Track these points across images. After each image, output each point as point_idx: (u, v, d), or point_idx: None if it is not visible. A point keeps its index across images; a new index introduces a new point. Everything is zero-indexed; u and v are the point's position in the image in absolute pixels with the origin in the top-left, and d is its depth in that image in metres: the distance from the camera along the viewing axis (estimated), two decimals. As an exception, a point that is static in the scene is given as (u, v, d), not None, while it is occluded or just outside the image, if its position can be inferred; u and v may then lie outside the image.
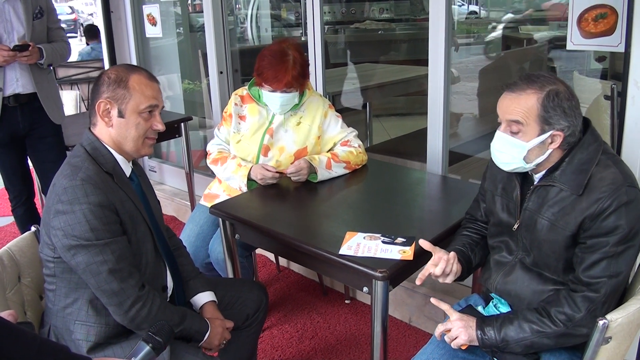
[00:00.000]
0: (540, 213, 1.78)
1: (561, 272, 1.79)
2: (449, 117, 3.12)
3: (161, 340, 1.57)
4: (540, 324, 1.73)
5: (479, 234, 2.09)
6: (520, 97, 1.71)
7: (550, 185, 1.77)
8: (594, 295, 1.68)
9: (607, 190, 1.66)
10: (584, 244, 1.70)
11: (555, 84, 1.71)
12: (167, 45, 5.31)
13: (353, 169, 2.82)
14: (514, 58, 5.34)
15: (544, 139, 1.72)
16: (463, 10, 8.56)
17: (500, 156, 1.82)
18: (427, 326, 3.09)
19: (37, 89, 3.26)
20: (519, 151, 1.75)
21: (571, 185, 1.72)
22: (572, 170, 1.73)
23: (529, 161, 1.76)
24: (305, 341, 3.06)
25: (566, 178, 1.73)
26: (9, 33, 3.14)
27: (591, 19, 2.49)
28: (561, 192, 1.74)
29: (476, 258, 2.04)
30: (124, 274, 1.80)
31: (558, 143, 1.72)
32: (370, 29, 7.64)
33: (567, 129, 1.70)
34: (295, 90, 2.74)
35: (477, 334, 1.78)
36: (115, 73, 1.89)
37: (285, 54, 2.69)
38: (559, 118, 1.69)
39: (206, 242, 2.89)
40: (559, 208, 1.74)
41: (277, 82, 2.68)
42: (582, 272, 1.70)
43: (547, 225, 1.77)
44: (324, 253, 2.06)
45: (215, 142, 2.94)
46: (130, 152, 1.94)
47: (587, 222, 1.68)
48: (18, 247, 2.02)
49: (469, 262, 2.01)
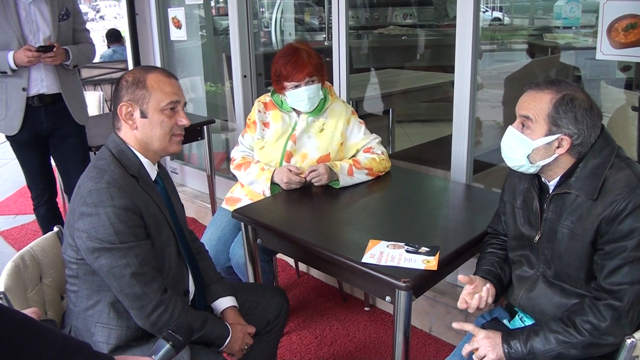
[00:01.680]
0: (560, 222, 1.77)
1: (583, 283, 1.76)
2: (474, 124, 3.09)
3: (181, 339, 1.56)
4: (566, 334, 1.70)
5: (503, 250, 2.06)
6: (537, 95, 1.74)
7: (565, 193, 1.76)
8: (618, 303, 1.65)
9: (621, 192, 1.64)
10: (602, 250, 1.68)
11: (575, 91, 1.72)
12: (191, 48, 5.34)
13: (376, 175, 2.80)
14: (540, 66, 5.28)
15: (551, 140, 1.72)
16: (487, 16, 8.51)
17: (507, 150, 1.83)
18: (448, 336, 3.05)
19: (62, 90, 3.28)
20: (523, 148, 1.76)
21: (586, 190, 1.71)
22: (586, 175, 1.72)
23: (533, 161, 1.76)
24: (324, 347, 3.04)
25: (580, 184, 1.72)
26: (35, 34, 3.16)
27: (621, 29, 2.46)
28: (577, 198, 1.73)
29: (506, 275, 2.01)
30: (147, 278, 1.79)
31: (565, 148, 1.72)
32: (394, 35, 7.61)
33: (577, 136, 1.70)
34: (317, 81, 2.74)
35: (503, 348, 1.75)
36: (132, 75, 1.90)
37: (296, 48, 2.75)
38: (568, 123, 1.69)
39: (227, 245, 2.88)
40: (577, 215, 1.73)
41: (299, 72, 2.68)
42: (604, 280, 1.68)
43: (567, 234, 1.75)
44: (346, 260, 2.04)
45: (239, 149, 2.94)
46: (159, 151, 1.94)
47: (603, 226, 1.66)
48: (40, 247, 2.03)
49: (501, 282, 1.98)
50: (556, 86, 1.73)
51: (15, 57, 3.07)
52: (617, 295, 1.65)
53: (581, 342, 1.68)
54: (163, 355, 1.54)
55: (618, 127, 3.25)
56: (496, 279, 1.96)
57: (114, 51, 7.26)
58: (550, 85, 1.74)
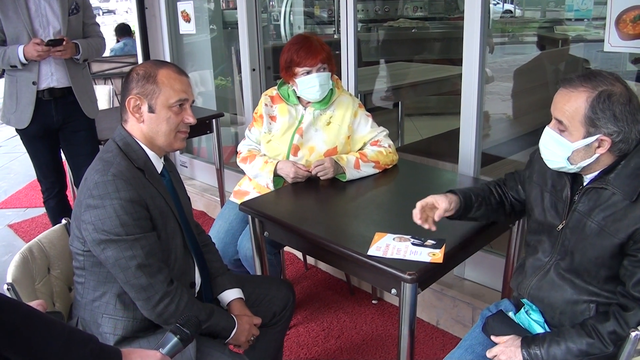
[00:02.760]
0: (591, 216, 1.71)
1: (601, 281, 1.72)
2: (482, 118, 3.08)
3: (189, 332, 1.58)
4: (590, 347, 1.66)
5: (496, 197, 2.09)
6: (571, 95, 1.65)
7: (602, 188, 1.70)
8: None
9: None
10: (634, 257, 1.63)
11: (613, 85, 1.63)
12: (200, 41, 5.35)
13: (383, 168, 2.80)
14: (549, 58, 5.25)
15: (590, 142, 1.65)
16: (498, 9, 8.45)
17: (546, 152, 1.77)
18: (455, 329, 3.05)
19: (72, 84, 3.30)
20: (563, 150, 1.70)
21: (625, 190, 1.65)
22: (627, 175, 1.66)
23: (574, 162, 1.71)
24: (331, 340, 3.05)
25: (620, 182, 1.66)
26: (45, 28, 3.18)
27: (629, 20, 2.44)
28: (613, 195, 1.67)
29: (476, 212, 2.06)
30: (153, 270, 1.81)
31: (606, 148, 1.65)
32: (404, 27, 7.59)
33: (617, 134, 1.63)
34: (328, 70, 2.75)
35: (522, 354, 1.73)
36: (143, 69, 1.90)
37: (307, 37, 2.78)
38: (607, 122, 1.61)
39: (235, 238, 2.89)
40: (610, 212, 1.67)
41: (312, 57, 2.69)
42: (633, 287, 1.63)
43: (595, 230, 1.70)
44: (352, 253, 2.04)
45: (246, 143, 2.95)
46: (163, 146, 1.95)
47: (638, 233, 1.61)
48: (48, 239, 2.05)
49: (468, 209, 2.04)
50: (591, 82, 1.64)
51: (25, 51, 3.09)
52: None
53: (605, 353, 1.65)
54: (170, 348, 1.55)
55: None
56: (465, 204, 2.02)
57: (125, 44, 7.29)
58: (584, 81, 1.65)
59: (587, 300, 1.75)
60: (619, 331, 1.63)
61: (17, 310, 1.30)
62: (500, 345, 1.80)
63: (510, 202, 2.11)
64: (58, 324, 1.39)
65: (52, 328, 1.35)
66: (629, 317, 1.62)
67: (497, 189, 2.12)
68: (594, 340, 1.66)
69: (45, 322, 1.34)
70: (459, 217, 2.05)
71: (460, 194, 2.04)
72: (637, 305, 1.62)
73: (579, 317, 1.76)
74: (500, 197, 2.10)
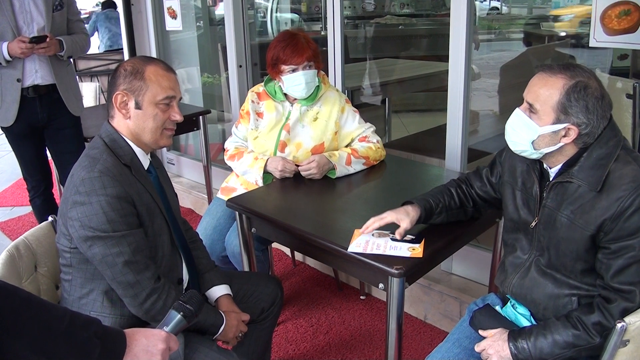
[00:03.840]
0: (560, 211, 1.73)
1: (578, 274, 1.74)
2: (468, 113, 3.09)
3: (192, 309, 1.56)
4: (577, 339, 1.67)
5: (456, 201, 2.12)
6: (548, 80, 1.67)
7: (567, 182, 1.72)
8: (630, 304, 1.62)
9: (627, 188, 1.60)
10: (607, 249, 1.65)
11: (589, 78, 1.65)
12: (186, 38, 5.33)
13: (371, 164, 2.81)
14: (536, 55, 5.28)
15: (558, 129, 1.67)
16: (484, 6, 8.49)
17: (512, 134, 1.79)
18: (443, 324, 3.07)
19: (57, 81, 3.28)
20: (529, 133, 1.71)
21: (589, 181, 1.67)
22: (590, 166, 1.68)
23: (538, 147, 1.72)
24: (320, 336, 3.06)
25: (584, 174, 1.68)
26: (29, 25, 3.16)
27: (614, 15, 2.45)
28: (579, 188, 1.69)
29: (437, 219, 2.10)
30: (140, 266, 1.80)
31: (572, 138, 1.67)
32: (391, 24, 7.60)
33: (585, 126, 1.65)
34: (314, 67, 2.75)
35: (509, 348, 1.74)
36: (131, 65, 1.90)
37: (294, 34, 2.76)
38: (578, 111, 1.64)
39: (223, 235, 2.89)
40: (578, 205, 1.69)
41: (298, 56, 2.69)
42: (612, 279, 1.65)
43: (566, 223, 1.72)
44: (339, 248, 2.05)
45: (232, 140, 2.94)
46: (149, 143, 1.94)
47: (607, 223, 1.63)
48: (35, 236, 2.03)
49: (428, 218, 2.09)
50: (570, 71, 1.66)
51: (9, 48, 3.06)
52: (628, 295, 1.62)
53: (592, 345, 1.66)
54: (175, 325, 1.53)
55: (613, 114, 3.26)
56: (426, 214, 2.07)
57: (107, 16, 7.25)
58: (563, 69, 1.67)
59: (569, 294, 1.77)
60: (603, 322, 1.64)
61: (14, 294, 1.29)
62: (487, 339, 1.81)
63: (472, 201, 2.13)
64: (59, 307, 1.39)
65: (53, 311, 1.34)
66: (613, 309, 1.64)
67: (458, 190, 2.14)
68: (579, 332, 1.67)
69: (45, 305, 1.33)
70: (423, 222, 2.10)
71: (420, 205, 2.07)
72: (619, 296, 1.64)
73: (561, 311, 1.77)
74: (461, 199, 2.13)
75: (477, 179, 2.12)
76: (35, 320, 1.28)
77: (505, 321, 1.89)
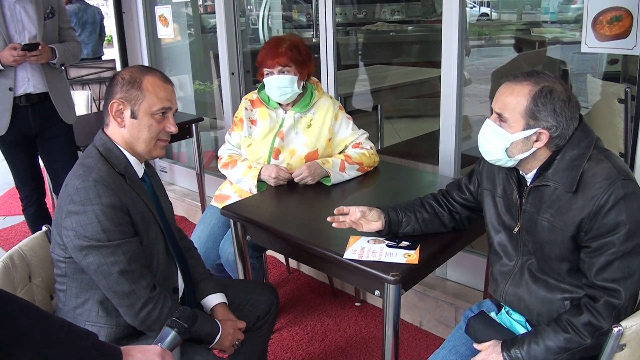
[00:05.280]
0: (539, 214, 1.75)
1: (565, 276, 1.75)
2: (461, 119, 3.10)
3: (186, 325, 1.58)
4: (568, 342, 1.68)
5: (427, 210, 2.13)
6: (514, 88, 1.70)
7: (544, 185, 1.74)
8: (617, 301, 1.63)
9: (602, 186, 1.62)
10: (588, 248, 1.66)
11: (554, 82, 1.69)
12: (178, 46, 5.33)
13: (365, 170, 2.81)
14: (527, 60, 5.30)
15: (529, 134, 1.69)
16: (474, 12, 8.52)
17: (485, 144, 1.80)
18: (438, 330, 3.07)
19: (49, 89, 3.26)
20: (502, 141, 1.73)
21: (564, 182, 1.69)
22: (564, 167, 1.70)
23: (511, 155, 1.74)
24: (315, 343, 3.05)
25: (558, 176, 1.70)
26: (20, 33, 3.14)
27: (606, 21, 2.47)
28: (556, 190, 1.71)
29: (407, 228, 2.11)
30: (136, 275, 1.80)
31: (543, 142, 1.70)
32: (382, 31, 7.62)
33: (555, 129, 1.68)
34: (293, 73, 2.72)
35: (503, 357, 1.74)
36: (129, 74, 1.89)
37: (281, 39, 2.77)
38: (547, 115, 1.66)
39: (217, 243, 2.88)
40: (556, 208, 1.71)
41: (270, 59, 2.70)
42: (595, 277, 1.66)
43: (546, 227, 1.74)
44: (334, 255, 2.05)
45: (226, 147, 2.94)
46: (142, 153, 1.94)
47: (586, 222, 1.64)
48: (29, 246, 2.02)
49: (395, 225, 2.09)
50: (534, 78, 1.70)
51: (0, 56, 3.05)
52: (613, 293, 1.64)
53: (584, 346, 1.67)
54: (170, 341, 1.56)
55: (605, 119, 3.27)
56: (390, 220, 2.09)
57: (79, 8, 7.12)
58: (528, 77, 1.70)
59: (561, 298, 1.77)
60: (593, 322, 1.65)
61: (14, 301, 1.29)
62: (481, 354, 1.80)
63: (449, 211, 2.14)
64: (57, 317, 1.40)
65: (52, 320, 1.34)
66: (600, 307, 1.65)
67: (431, 201, 2.16)
68: (570, 335, 1.68)
69: (43, 314, 1.34)
70: (388, 233, 2.10)
71: (385, 211, 2.09)
72: (605, 294, 1.65)
73: (555, 315, 1.77)
74: (434, 208, 2.14)
75: (455, 188, 2.14)
76: (35, 327, 1.28)
77: (500, 328, 1.89)
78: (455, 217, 2.14)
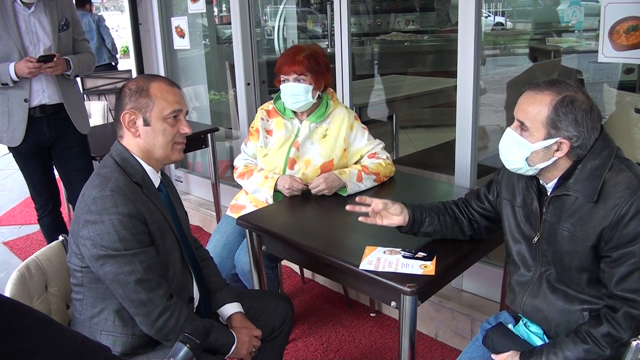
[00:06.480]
0: (560, 224, 1.74)
1: (585, 286, 1.74)
2: (477, 129, 3.09)
3: (198, 341, 1.57)
4: (587, 354, 1.66)
5: (450, 215, 2.13)
6: (536, 97, 1.70)
7: (565, 195, 1.73)
8: (636, 312, 1.62)
9: (623, 195, 1.61)
10: (609, 258, 1.65)
11: (576, 92, 1.68)
12: (194, 56, 5.36)
13: (382, 181, 2.80)
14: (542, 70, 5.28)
15: (550, 144, 1.69)
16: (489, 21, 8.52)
17: (505, 153, 1.80)
18: (454, 341, 3.04)
19: (64, 100, 3.28)
20: (522, 150, 1.73)
21: (585, 192, 1.68)
22: (585, 177, 1.69)
23: (532, 164, 1.74)
24: (330, 354, 3.04)
25: (579, 186, 1.69)
26: (35, 45, 3.17)
27: (623, 31, 2.46)
28: (577, 200, 1.70)
29: (428, 228, 2.10)
30: (152, 285, 1.80)
31: (564, 152, 1.69)
32: (397, 41, 7.63)
33: (576, 139, 1.67)
34: (308, 82, 2.72)
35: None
36: (135, 84, 1.91)
37: (301, 47, 2.79)
38: (568, 125, 1.66)
39: (232, 252, 2.88)
40: (577, 217, 1.70)
41: (287, 66, 2.71)
42: (615, 287, 1.65)
43: (567, 236, 1.72)
44: (351, 266, 2.03)
45: (242, 157, 2.95)
46: (161, 158, 1.95)
47: (607, 232, 1.63)
48: (45, 256, 2.03)
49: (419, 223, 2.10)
50: (556, 87, 1.69)
51: (16, 68, 3.07)
52: (633, 303, 1.62)
53: (603, 357, 1.65)
54: (182, 357, 1.54)
55: (621, 129, 3.24)
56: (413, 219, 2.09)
57: None
58: (550, 86, 1.70)
59: (580, 309, 1.76)
60: (613, 333, 1.64)
61: (32, 314, 1.29)
62: None
63: (468, 219, 2.13)
64: (71, 330, 1.40)
65: (66, 333, 1.34)
66: (619, 318, 1.64)
67: (453, 206, 2.15)
68: (589, 346, 1.66)
69: (59, 327, 1.34)
70: (409, 230, 2.10)
71: (410, 208, 2.09)
72: (625, 304, 1.64)
73: (574, 327, 1.76)
74: (456, 215, 2.13)
75: (474, 198, 2.13)
76: (51, 340, 1.28)
77: (518, 340, 1.88)
78: (474, 226, 2.13)
